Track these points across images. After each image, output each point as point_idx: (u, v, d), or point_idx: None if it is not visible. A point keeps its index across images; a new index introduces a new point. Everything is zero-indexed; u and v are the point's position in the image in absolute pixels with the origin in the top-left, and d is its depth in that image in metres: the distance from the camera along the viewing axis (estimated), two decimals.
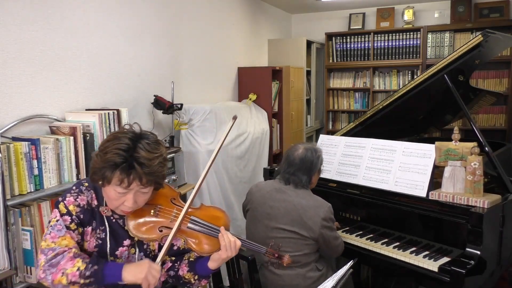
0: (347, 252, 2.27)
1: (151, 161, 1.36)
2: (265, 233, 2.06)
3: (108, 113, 2.20)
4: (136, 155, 1.34)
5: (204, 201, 3.13)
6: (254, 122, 3.86)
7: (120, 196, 1.37)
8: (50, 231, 1.37)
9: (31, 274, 1.77)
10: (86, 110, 2.35)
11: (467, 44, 2.29)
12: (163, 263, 1.57)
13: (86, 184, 1.47)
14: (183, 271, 1.55)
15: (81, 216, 1.42)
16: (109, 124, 2.19)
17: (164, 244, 1.44)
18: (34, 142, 1.83)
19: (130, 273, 1.35)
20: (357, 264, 2.24)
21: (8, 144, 1.75)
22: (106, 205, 1.46)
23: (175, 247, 1.60)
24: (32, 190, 1.83)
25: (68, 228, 1.39)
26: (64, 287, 1.29)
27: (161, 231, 1.46)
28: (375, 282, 2.89)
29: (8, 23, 1.94)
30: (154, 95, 2.81)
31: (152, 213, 1.47)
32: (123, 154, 1.33)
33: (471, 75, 2.74)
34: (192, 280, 1.54)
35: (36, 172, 1.85)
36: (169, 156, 2.61)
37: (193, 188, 2.91)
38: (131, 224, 1.44)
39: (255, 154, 3.81)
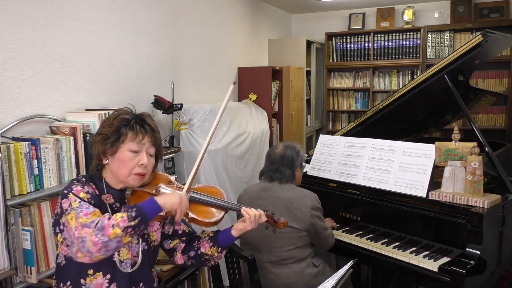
0: (347, 252, 2.28)
1: (153, 122, 1.56)
2: (258, 232, 2.07)
3: (108, 113, 2.20)
4: (141, 116, 1.55)
5: None
6: (254, 122, 3.86)
7: (134, 156, 1.48)
8: (80, 211, 1.36)
9: (31, 274, 1.77)
10: (86, 110, 2.35)
11: (467, 44, 2.29)
12: (175, 248, 1.68)
13: (83, 179, 1.52)
14: (205, 248, 1.64)
15: (92, 202, 1.44)
16: None
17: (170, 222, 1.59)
18: (34, 142, 1.83)
19: (166, 201, 1.43)
20: (357, 264, 2.24)
21: (8, 144, 1.75)
22: (107, 193, 1.51)
23: (180, 231, 1.69)
24: (32, 190, 1.83)
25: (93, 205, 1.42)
26: (118, 242, 1.30)
27: None
28: (375, 282, 2.89)
29: (8, 23, 1.94)
30: (154, 95, 2.81)
31: (154, 192, 1.55)
32: (132, 114, 1.54)
33: (471, 75, 2.74)
34: (215, 253, 1.65)
35: (36, 172, 1.85)
36: (169, 156, 2.61)
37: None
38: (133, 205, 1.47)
39: (255, 154, 3.81)
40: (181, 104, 2.91)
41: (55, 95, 2.20)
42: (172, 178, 1.67)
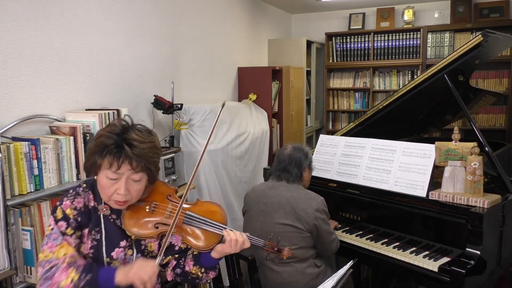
0: (347, 252, 2.28)
1: (141, 144, 1.38)
2: (261, 229, 2.09)
3: (108, 113, 2.20)
4: (126, 136, 1.38)
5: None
6: (254, 122, 3.85)
7: (112, 184, 1.37)
8: (47, 241, 1.36)
9: (31, 274, 1.77)
10: (86, 110, 2.35)
11: (467, 44, 2.29)
12: (167, 263, 1.58)
13: (84, 185, 1.48)
14: (189, 266, 1.55)
15: (79, 219, 1.41)
16: None
17: (163, 242, 1.44)
18: (34, 142, 1.83)
19: (122, 277, 1.33)
20: (357, 264, 2.24)
21: (8, 144, 1.75)
22: (104, 204, 1.46)
23: (177, 247, 1.59)
24: (32, 190, 1.83)
25: (64, 234, 1.37)
26: None
27: (157, 227, 1.46)
28: (375, 282, 2.89)
29: (8, 23, 1.94)
30: (154, 95, 2.81)
31: (147, 210, 1.47)
32: (114, 136, 1.37)
33: (471, 75, 2.74)
34: (199, 273, 1.53)
35: (36, 172, 1.85)
36: (169, 156, 2.61)
37: (193, 188, 2.90)
38: (126, 222, 1.44)
39: (255, 154, 3.80)
40: (181, 104, 2.91)
41: (55, 95, 2.20)
42: (173, 191, 1.55)
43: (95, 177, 1.45)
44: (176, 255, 1.60)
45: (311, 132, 5.31)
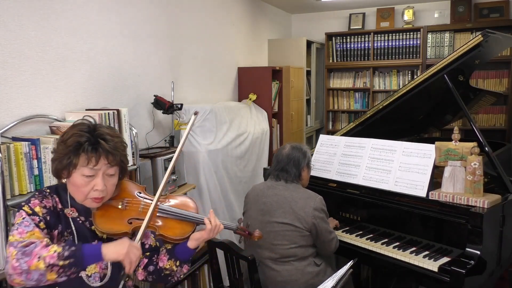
0: (347, 252, 2.28)
1: (113, 137, 1.42)
2: (260, 229, 2.08)
3: (108, 113, 2.20)
4: (98, 132, 1.40)
5: (204, 201, 3.13)
6: (254, 122, 3.86)
7: (88, 181, 1.37)
8: (17, 227, 1.29)
9: None
10: (86, 110, 2.34)
11: (467, 44, 2.29)
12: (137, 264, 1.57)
13: (48, 190, 1.44)
14: (163, 262, 1.56)
15: (48, 218, 1.36)
16: (109, 124, 2.19)
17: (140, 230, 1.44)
18: (34, 142, 1.83)
19: (110, 250, 1.31)
20: (357, 264, 2.24)
21: (8, 144, 1.75)
22: (71, 207, 1.43)
23: (147, 246, 1.60)
24: (32, 190, 1.83)
25: (37, 225, 1.32)
26: (41, 275, 1.19)
27: (130, 223, 1.46)
28: (375, 282, 2.89)
29: (8, 23, 1.94)
30: (154, 95, 2.81)
31: (120, 207, 1.48)
32: (86, 134, 1.38)
33: (471, 75, 2.74)
34: (174, 267, 1.55)
35: (36, 172, 1.84)
36: (169, 156, 2.61)
37: (193, 188, 2.90)
38: (98, 220, 1.42)
39: (255, 154, 3.81)
40: (181, 104, 2.91)
41: (55, 95, 2.20)
42: (143, 188, 1.58)
43: (58, 183, 1.46)
44: (147, 253, 1.59)
45: (311, 132, 5.31)
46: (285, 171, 2.18)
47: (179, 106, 2.88)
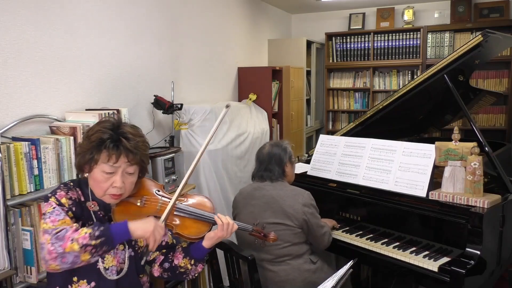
0: (347, 252, 2.28)
1: (136, 137, 1.45)
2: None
3: (108, 113, 2.20)
4: (121, 130, 1.44)
5: None
6: (254, 122, 3.86)
7: (108, 177, 1.41)
8: (49, 216, 1.35)
9: (31, 274, 1.77)
10: (86, 110, 2.35)
11: (467, 44, 2.29)
12: (154, 259, 1.63)
13: (72, 183, 1.49)
14: (178, 259, 1.59)
15: (73, 209, 1.42)
16: None
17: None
18: (34, 142, 1.83)
19: (138, 228, 1.36)
20: (357, 264, 2.24)
21: (8, 144, 1.75)
22: (92, 200, 1.48)
23: (163, 242, 1.63)
24: (32, 190, 1.83)
25: (66, 214, 1.39)
26: (75, 257, 1.25)
27: None
28: (375, 282, 2.89)
29: (8, 23, 1.94)
30: (154, 95, 2.81)
31: (138, 204, 1.51)
32: (109, 131, 1.42)
33: (471, 75, 2.74)
34: (188, 266, 1.58)
35: (36, 172, 1.84)
36: (169, 156, 2.61)
37: (193, 188, 2.90)
38: (117, 217, 1.46)
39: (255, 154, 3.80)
40: (181, 104, 2.91)
41: (55, 95, 2.20)
42: (162, 186, 1.62)
43: (80, 177, 1.51)
44: (164, 250, 1.63)
45: (311, 132, 5.31)
46: (269, 171, 2.18)
47: (179, 106, 2.88)
